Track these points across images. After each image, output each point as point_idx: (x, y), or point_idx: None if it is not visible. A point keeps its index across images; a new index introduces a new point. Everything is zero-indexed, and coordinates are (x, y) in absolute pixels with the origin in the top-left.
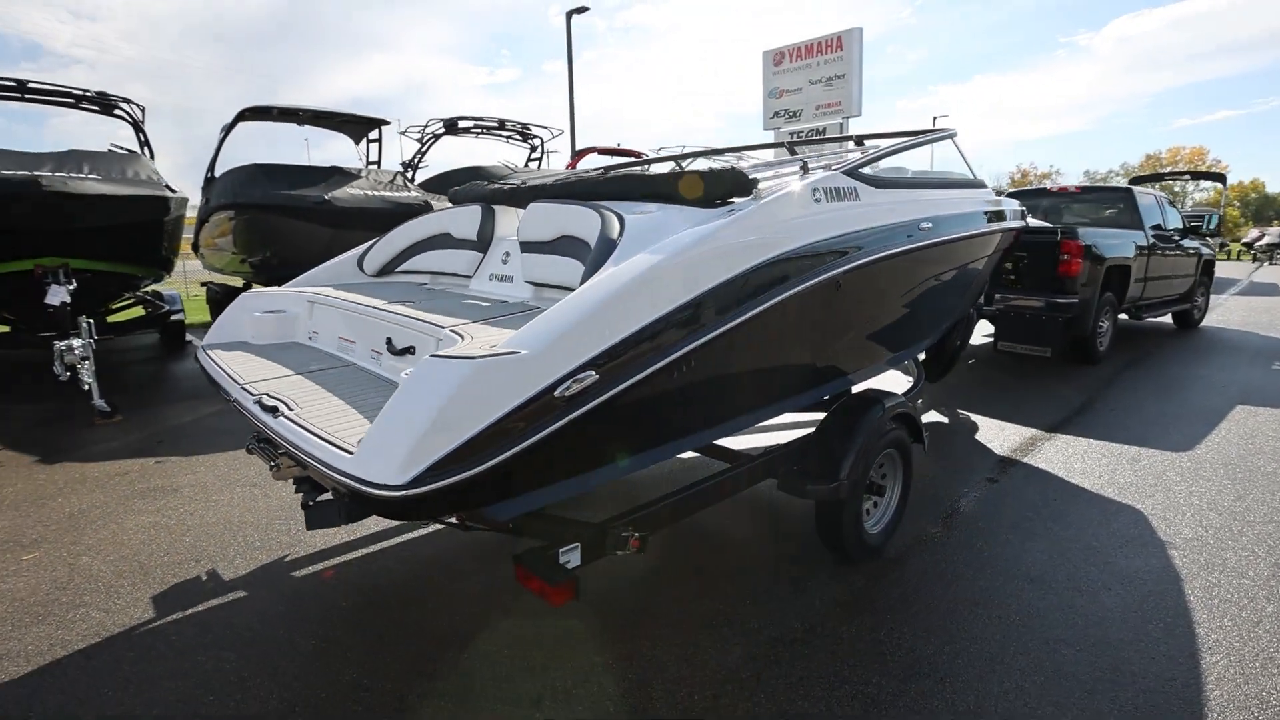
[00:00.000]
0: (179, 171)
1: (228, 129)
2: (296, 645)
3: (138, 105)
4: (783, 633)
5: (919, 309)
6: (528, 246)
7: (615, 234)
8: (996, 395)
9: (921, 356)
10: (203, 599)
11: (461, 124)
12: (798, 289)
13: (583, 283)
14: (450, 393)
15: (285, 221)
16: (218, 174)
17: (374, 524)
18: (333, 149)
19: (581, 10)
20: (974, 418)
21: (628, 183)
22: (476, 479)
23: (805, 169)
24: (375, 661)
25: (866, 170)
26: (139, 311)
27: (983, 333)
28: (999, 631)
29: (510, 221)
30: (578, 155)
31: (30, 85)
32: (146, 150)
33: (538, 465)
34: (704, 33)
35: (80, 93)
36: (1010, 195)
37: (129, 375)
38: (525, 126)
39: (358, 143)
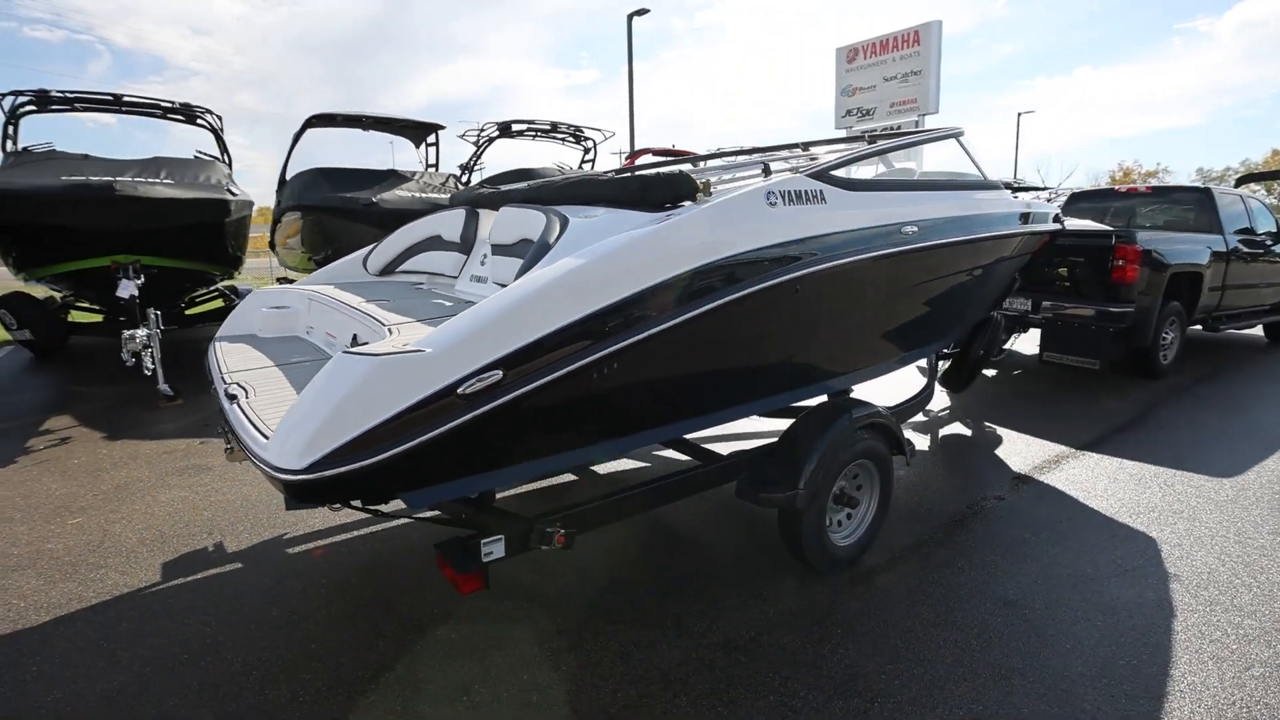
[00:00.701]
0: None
1: (297, 136)
2: (270, 615)
3: (216, 115)
4: (727, 639)
5: (913, 315)
6: (496, 249)
7: (552, 237)
8: (1035, 408)
9: (943, 365)
10: (204, 568)
11: (515, 127)
12: (743, 293)
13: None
14: (351, 387)
15: (339, 222)
16: (288, 178)
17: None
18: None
19: (642, 12)
20: (1001, 430)
21: (588, 187)
22: (375, 468)
23: (767, 171)
24: (333, 636)
25: (840, 173)
26: (219, 304)
27: (1032, 342)
28: (951, 656)
29: (490, 224)
30: (632, 156)
31: (125, 99)
32: (225, 156)
33: (445, 459)
34: (784, 31)
35: (168, 104)
36: (1077, 196)
37: (200, 363)
38: (578, 129)
39: (417, 146)
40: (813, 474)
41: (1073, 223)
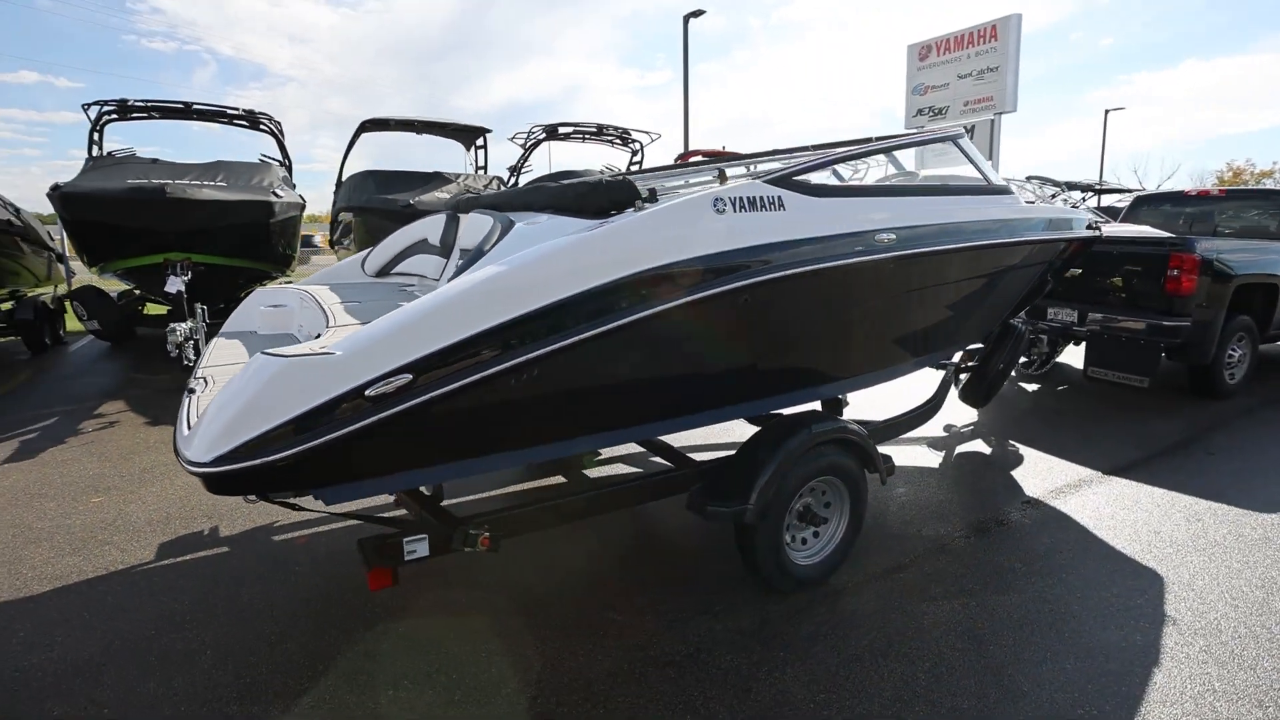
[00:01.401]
0: None
1: (352, 140)
2: (239, 598)
3: (276, 121)
4: (664, 653)
5: (897, 326)
6: (463, 253)
7: (489, 243)
8: (1071, 427)
9: (961, 378)
10: (194, 550)
11: (561, 130)
12: (679, 302)
13: None
14: (259, 386)
15: (382, 222)
16: (343, 180)
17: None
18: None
19: (698, 14)
20: (1024, 450)
21: (540, 194)
22: (280, 464)
23: (722, 177)
24: (293, 620)
25: (806, 178)
26: None
27: (1080, 356)
28: (892, 690)
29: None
30: (681, 158)
31: (194, 106)
32: (285, 159)
33: (357, 458)
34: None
35: (233, 110)
36: (1142, 200)
37: None
38: (625, 131)
39: (468, 149)
40: (763, 489)
41: (1130, 229)
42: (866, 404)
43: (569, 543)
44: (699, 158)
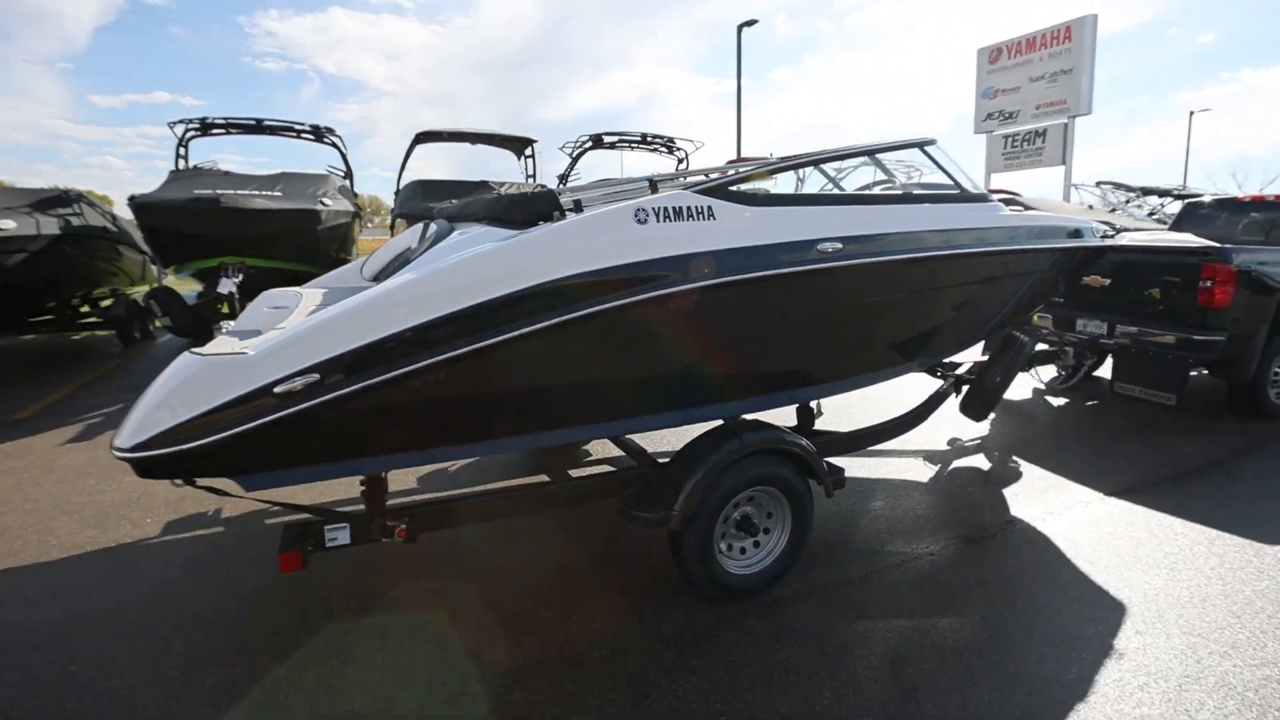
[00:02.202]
0: None
1: (408, 150)
2: (214, 575)
3: (339, 135)
4: (576, 653)
5: (849, 337)
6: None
7: (415, 253)
8: (1086, 444)
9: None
10: (194, 528)
11: (606, 139)
12: (595, 309)
13: None
14: (177, 382)
15: None
16: (400, 188)
17: (352, 490)
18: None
19: (750, 23)
20: (1026, 467)
21: (478, 205)
22: (193, 452)
23: (653, 188)
24: (257, 598)
25: (743, 188)
26: None
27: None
28: (789, 706)
29: None
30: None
31: (265, 122)
32: (347, 170)
33: (269, 449)
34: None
35: (300, 126)
36: (1193, 207)
37: None
38: (670, 140)
39: (519, 158)
40: (689, 497)
41: (1166, 237)
42: (857, 410)
43: (534, 540)
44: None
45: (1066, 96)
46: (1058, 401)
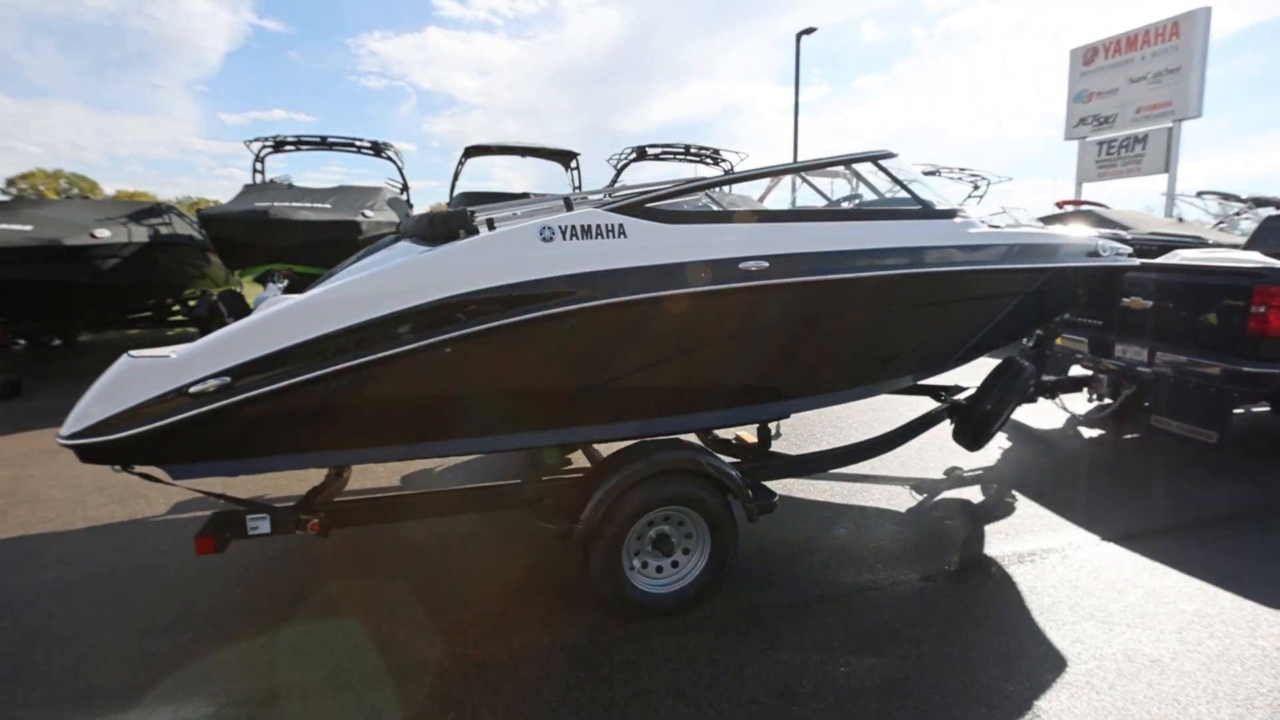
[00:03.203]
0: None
1: (459, 163)
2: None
3: (397, 151)
4: (474, 654)
5: (780, 359)
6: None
7: (342, 267)
8: (1101, 481)
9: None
10: (200, 509)
11: (650, 150)
12: (494, 325)
13: None
14: (111, 379)
15: None
16: (451, 200)
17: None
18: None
19: (809, 31)
20: (1024, 502)
21: (410, 223)
22: (120, 443)
23: (569, 205)
24: (222, 576)
25: (660, 205)
26: None
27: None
28: None
29: None
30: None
31: (329, 139)
32: (404, 184)
33: (189, 443)
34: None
35: (362, 142)
36: (1274, 221)
37: None
38: (715, 151)
39: (566, 170)
40: (592, 512)
41: (1220, 256)
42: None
43: (496, 541)
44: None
45: (1172, 98)
46: (1091, 433)
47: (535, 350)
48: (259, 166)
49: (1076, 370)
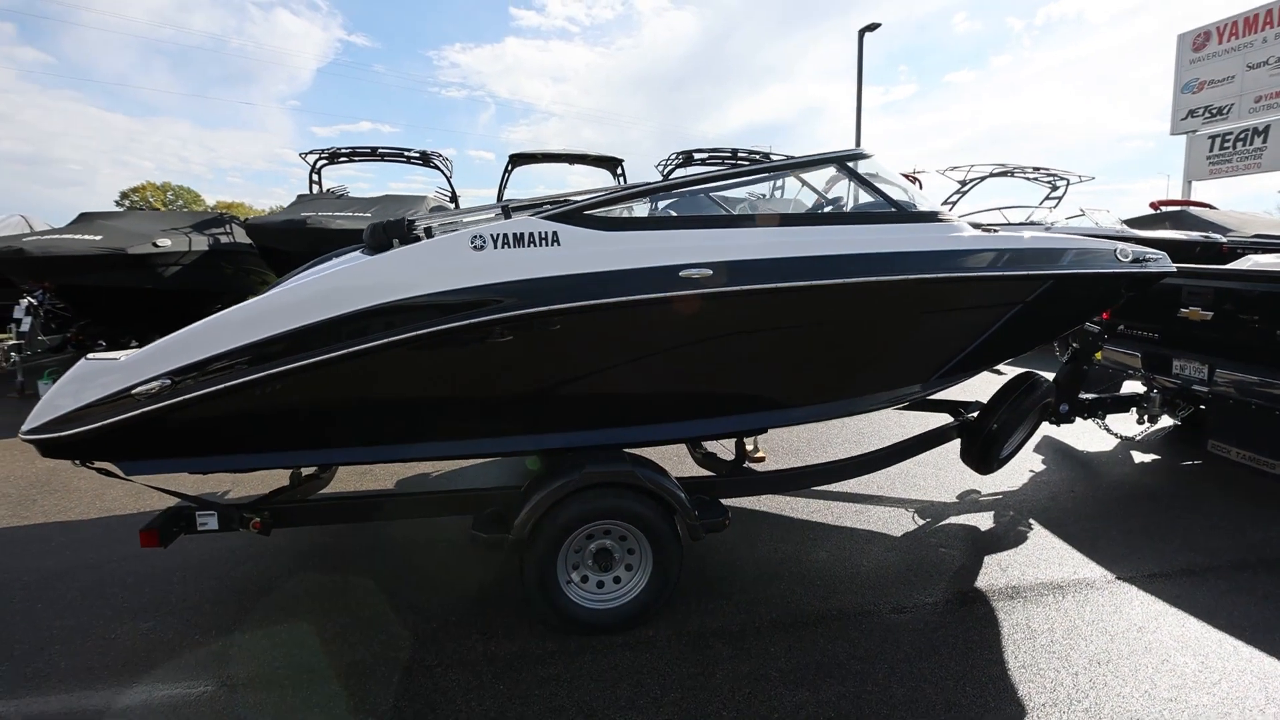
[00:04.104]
0: None
1: (505, 172)
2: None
3: (446, 159)
4: (403, 657)
5: (727, 371)
6: None
7: (289, 276)
8: (1138, 512)
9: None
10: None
11: (697, 155)
12: (422, 332)
13: None
14: (69, 379)
15: None
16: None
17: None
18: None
19: (873, 27)
20: (1039, 533)
21: (367, 230)
22: (73, 439)
23: (506, 213)
24: (202, 569)
25: (601, 212)
26: None
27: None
28: None
29: None
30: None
31: (379, 150)
32: (452, 192)
33: (138, 442)
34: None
35: (410, 153)
36: None
37: None
38: (766, 156)
39: (614, 177)
40: (521, 523)
41: None
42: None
43: (459, 545)
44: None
45: None
46: (1144, 458)
47: (465, 358)
48: (315, 177)
49: (1131, 387)
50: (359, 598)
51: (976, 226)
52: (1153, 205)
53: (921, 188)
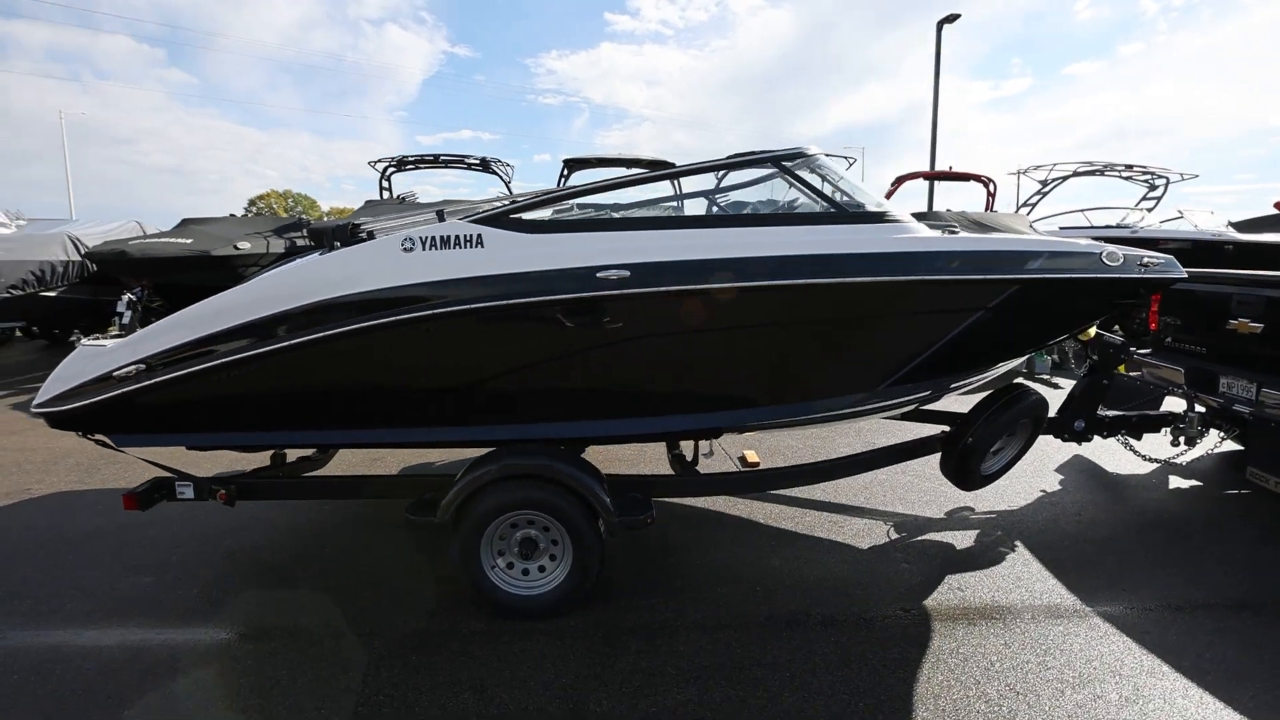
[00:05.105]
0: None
1: (562, 177)
2: (192, 513)
3: (507, 165)
4: (320, 632)
5: (651, 369)
6: None
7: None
8: (1161, 540)
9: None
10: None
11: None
12: (354, 327)
13: None
14: (66, 362)
15: None
16: None
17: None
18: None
19: (953, 19)
20: (1022, 555)
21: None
22: (73, 414)
23: (441, 217)
24: (200, 541)
25: (524, 215)
26: None
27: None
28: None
29: None
30: (897, 182)
31: (441, 157)
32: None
33: (125, 418)
34: None
35: (471, 160)
36: None
37: None
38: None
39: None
40: (444, 506)
41: None
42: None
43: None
44: (912, 182)
45: None
46: (1183, 484)
47: (392, 353)
48: (385, 184)
49: (1173, 405)
50: (328, 569)
51: (942, 228)
52: (1277, 205)
53: (994, 192)
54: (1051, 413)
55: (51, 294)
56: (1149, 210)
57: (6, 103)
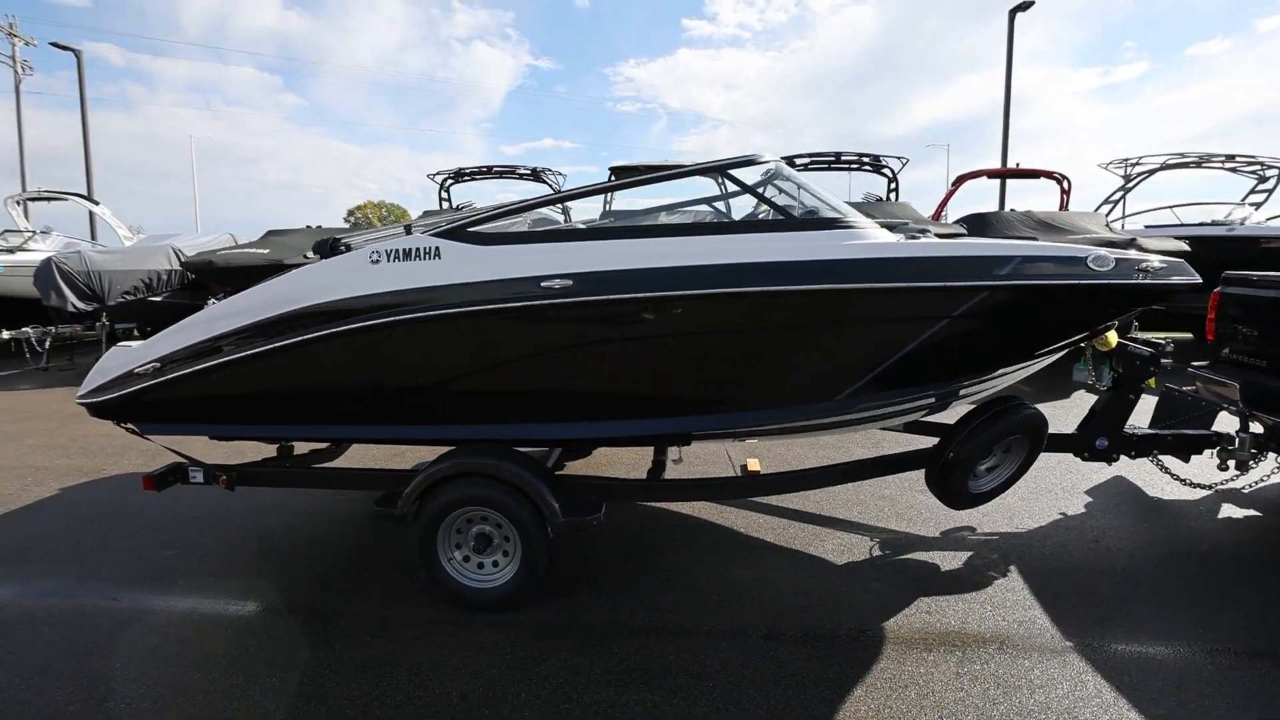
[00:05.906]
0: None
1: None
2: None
3: (558, 174)
4: (294, 608)
5: (597, 375)
6: None
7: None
8: (1173, 574)
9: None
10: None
11: (799, 160)
12: (328, 332)
13: None
14: (104, 359)
15: None
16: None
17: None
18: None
19: (1025, 7)
20: (1014, 580)
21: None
22: (106, 404)
23: (408, 231)
24: (225, 523)
25: (480, 229)
26: None
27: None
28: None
29: None
30: (957, 182)
31: (494, 168)
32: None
33: (148, 410)
34: None
35: (522, 170)
36: None
37: None
38: (876, 158)
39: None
40: (403, 500)
41: None
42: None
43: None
44: (972, 181)
45: None
46: (1236, 513)
47: (361, 356)
48: (444, 195)
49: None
50: (327, 553)
51: (910, 233)
52: None
53: (1069, 189)
54: (1070, 429)
55: (158, 299)
56: (1257, 206)
57: (152, 130)
